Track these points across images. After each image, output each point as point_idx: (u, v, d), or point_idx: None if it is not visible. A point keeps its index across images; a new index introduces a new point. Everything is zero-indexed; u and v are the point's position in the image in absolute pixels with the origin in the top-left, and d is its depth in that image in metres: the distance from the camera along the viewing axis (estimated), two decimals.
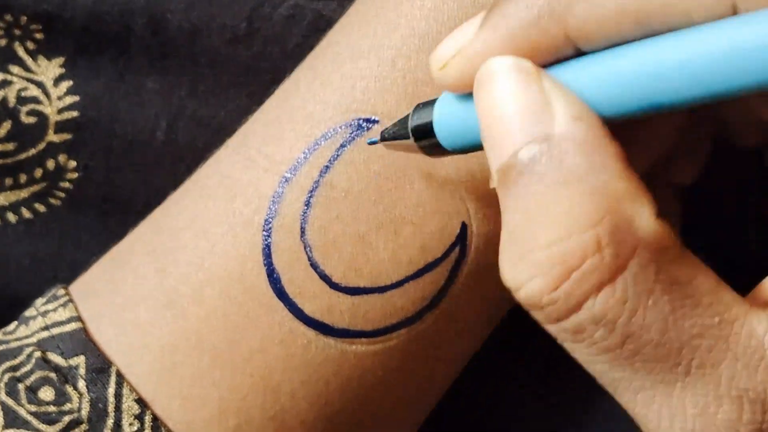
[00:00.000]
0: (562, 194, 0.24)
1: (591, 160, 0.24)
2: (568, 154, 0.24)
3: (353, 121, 0.33)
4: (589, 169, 0.24)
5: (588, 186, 0.24)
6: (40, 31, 0.39)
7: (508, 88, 0.25)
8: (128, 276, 0.34)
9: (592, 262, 0.24)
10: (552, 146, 0.24)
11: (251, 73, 0.40)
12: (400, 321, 0.33)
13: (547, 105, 0.24)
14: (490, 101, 0.25)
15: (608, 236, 0.24)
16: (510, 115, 0.25)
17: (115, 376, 0.32)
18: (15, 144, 0.40)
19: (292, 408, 0.32)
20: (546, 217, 0.24)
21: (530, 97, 0.24)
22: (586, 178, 0.24)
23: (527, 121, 0.24)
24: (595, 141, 0.24)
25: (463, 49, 0.26)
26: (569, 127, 0.24)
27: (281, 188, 0.33)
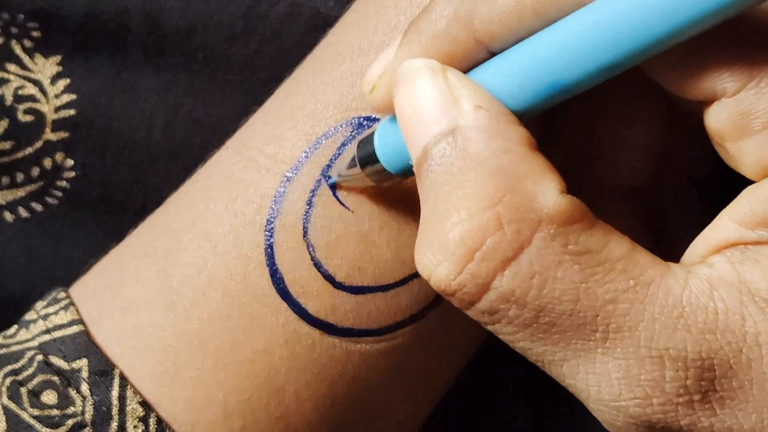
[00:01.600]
0: (466, 179, 0.24)
1: (493, 145, 0.24)
2: (471, 141, 0.25)
3: (354, 119, 0.32)
4: (491, 153, 0.24)
5: (489, 169, 0.24)
6: (37, 29, 0.39)
7: (417, 86, 0.26)
8: (129, 278, 0.33)
9: (493, 240, 0.24)
10: (457, 136, 0.25)
11: (248, 71, 0.39)
12: (404, 319, 0.32)
13: (453, 98, 0.25)
14: (402, 101, 0.26)
15: (509, 214, 0.24)
16: (420, 111, 0.25)
17: (118, 378, 0.31)
18: (12, 142, 0.39)
19: (298, 408, 0.31)
20: (450, 203, 0.25)
21: (437, 93, 0.25)
22: (487, 161, 0.24)
23: (435, 115, 0.25)
24: (497, 127, 0.24)
25: (386, 70, 0.27)
26: (472, 116, 0.25)
27: (283, 188, 0.32)
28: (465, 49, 0.26)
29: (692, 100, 0.25)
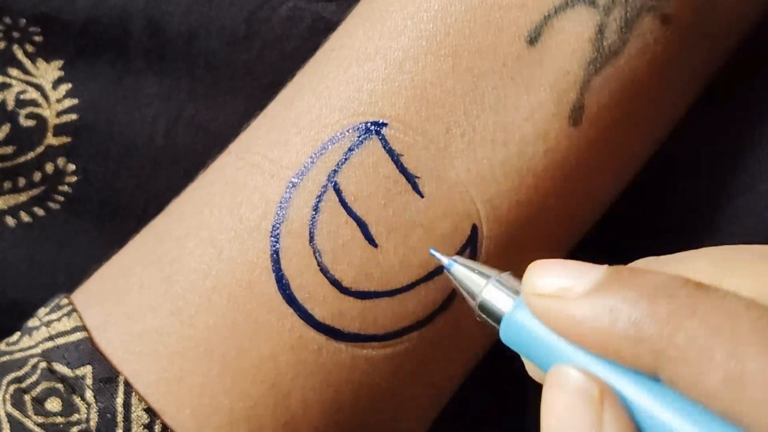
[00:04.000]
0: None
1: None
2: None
3: (361, 124, 0.31)
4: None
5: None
6: (39, 34, 0.37)
7: (570, 408, 0.23)
8: (133, 284, 0.31)
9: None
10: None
11: (250, 76, 0.38)
12: (411, 324, 0.31)
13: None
14: (553, 409, 0.24)
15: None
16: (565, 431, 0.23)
17: (123, 385, 0.30)
18: (14, 147, 0.38)
19: (304, 414, 0.30)
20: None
21: (586, 426, 0.23)
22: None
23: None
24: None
25: (564, 300, 0.24)
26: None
27: (288, 193, 0.30)
28: (638, 365, 0.23)
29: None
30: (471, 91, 0.30)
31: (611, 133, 0.31)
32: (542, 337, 0.24)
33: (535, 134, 0.30)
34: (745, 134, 0.36)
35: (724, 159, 0.36)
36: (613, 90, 0.31)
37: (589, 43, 0.30)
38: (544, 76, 0.30)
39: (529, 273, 0.25)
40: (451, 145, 0.30)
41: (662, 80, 0.32)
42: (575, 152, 0.31)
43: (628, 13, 0.30)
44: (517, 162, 0.30)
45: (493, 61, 0.30)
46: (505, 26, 0.30)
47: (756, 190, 0.35)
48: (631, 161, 0.33)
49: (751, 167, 0.35)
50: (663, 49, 0.31)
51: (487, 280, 0.26)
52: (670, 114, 0.33)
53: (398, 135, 0.30)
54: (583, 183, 0.32)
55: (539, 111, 0.30)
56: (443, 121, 0.30)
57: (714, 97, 0.35)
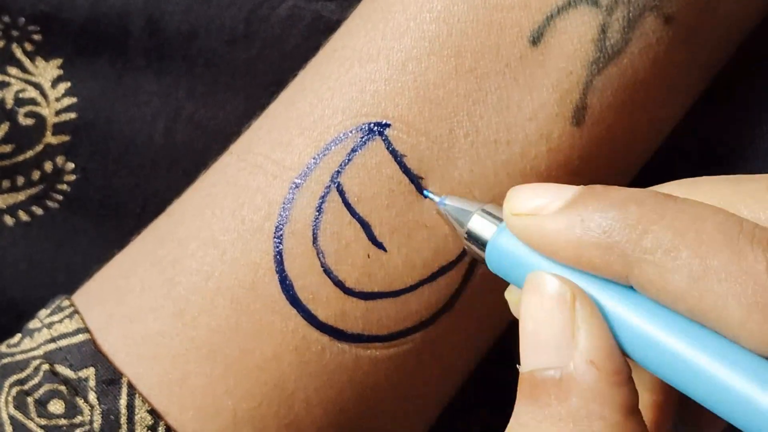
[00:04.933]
0: (553, 429, 0.23)
1: (589, 409, 0.23)
2: (572, 395, 0.23)
3: (364, 125, 0.30)
4: (586, 414, 0.23)
5: (578, 430, 0.23)
6: (38, 33, 0.37)
7: (544, 308, 0.24)
8: (135, 286, 0.31)
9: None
10: (562, 382, 0.23)
11: (249, 75, 0.38)
12: (414, 325, 0.30)
13: (572, 340, 0.24)
14: (526, 311, 0.24)
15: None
16: (539, 334, 0.24)
17: (126, 387, 0.30)
18: (12, 146, 0.37)
19: (308, 415, 0.30)
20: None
21: (559, 327, 0.24)
22: (579, 422, 0.23)
23: (550, 347, 0.24)
24: (599, 390, 0.23)
25: (540, 217, 0.25)
26: (580, 369, 0.23)
27: (291, 194, 0.30)
28: (613, 273, 0.24)
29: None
30: (474, 92, 0.30)
31: (614, 132, 0.31)
32: (523, 257, 0.25)
33: (538, 134, 0.30)
34: (744, 133, 0.36)
35: (724, 158, 0.36)
36: (616, 90, 0.31)
37: (592, 43, 0.30)
38: (546, 76, 0.30)
39: (509, 196, 0.26)
40: (455, 146, 0.30)
41: (664, 80, 0.31)
42: (578, 152, 0.31)
43: (630, 13, 0.30)
44: (521, 162, 0.30)
45: (495, 61, 0.30)
46: (508, 27, 0.30)
47: None
48: (633, 160, 0.33)
49: (751, 165, 0.35)
50: (665, 49, 0.31)
51: (473, 210, 0.27)
52: (672, 113, 0.33)
53: (401, 136, 0.30)
54: (585, 182, 0.31)
55: (542, 111, 0.30)
56: (446, 121, 0.30)
57: (714, 97, 0.35)
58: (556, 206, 0.24)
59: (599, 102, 0.30)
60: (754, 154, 0.35)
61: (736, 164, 0.36)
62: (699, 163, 0.36)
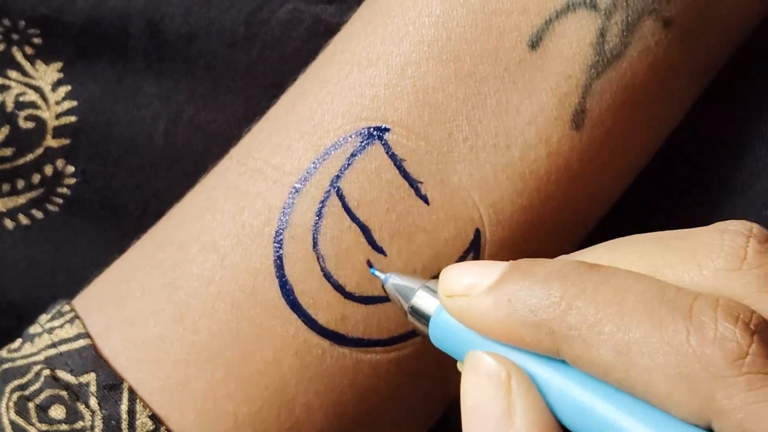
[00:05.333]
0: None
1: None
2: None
3: (363, 129, 0.30)
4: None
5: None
6: (39, 36, 0.37)
7: (482, 389, 0.25)
8: (135, 290, 0.31)
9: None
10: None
11: (249, 77, 0.38)
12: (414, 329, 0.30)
13: (509, 416, 0.24)
14: (468, 391, 0.25)
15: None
16: (480, 411, 0.24)
17: (127, 392, 0.30)
18: (13, 149, 0.37)
19: (308, 419, 0.30)
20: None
21: (497, 404, 0.24)
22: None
23: (491, 425, 0.24)
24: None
25: (470, 298, 0.25)
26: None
27: (291, 199, 0.30)
28: (544, 349, 0.24)
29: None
30: (473, 96, 0.30)
31: (613, 136, 0.31)
32: (461, 334, 0.26)
33: (537, 138, 0.30)
34: (744, 133, 0.35)
35: (723, 157, 0.36)
36: (615, 93, 0.31)
37: (591, 46, 0.30)
38: (545, 80, 0.30)
39: (442, 277, 0.26)
40: (454, 150, 0.30)
41: (663, 83, 0.31)
42: (577, 155, 0.31)
43: (629, 17, 0.30)
44: (520, 166, 0.30)
45: (494, 65, 0.30)
46: (507, 31, 0.30)
47: (754, 188, 0.35)
48: (633, 163, 0.33)
49: (750, 166, 0.35)
50: (664, 52, 0.31)
51: (415, 288, 0.27)
52: (671, 116, 0.33)
53: (401, 140, 0.30)
54: (585, 186, 0.31)
55: (541, 115, 0.30)
56: (446, 125, 0.30)
57: (714, 97, 0.35)
58: (485, 285, 0.25)
59: (598, 105, 0.30)
60: (754, 155, 0.35)
61: (737, 165, 0.36)
62: (699, 164, 0.36)
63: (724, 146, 0.36)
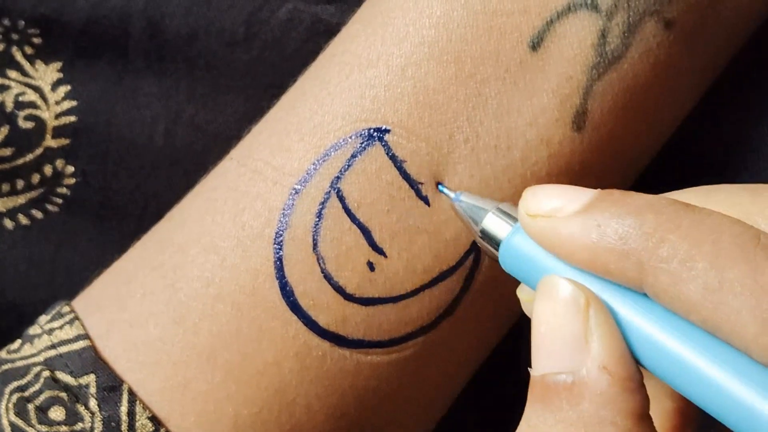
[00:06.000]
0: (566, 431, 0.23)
1: (602, 414, 0.23)
2: (584, 400, 0.23)
3: (364, 130, 0.30)
4: (598, 421, 0.23)
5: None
6: (38, 36, 0.37)
7: (558, 315, 0.24)
8: (135, 292, 0.31)
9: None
10: (574, 387, 0.23)
11: (249, 77, 0.38)
12: (415, 330, 0.30)
13: (586, 345, 0.23)
14: (540, 315, 0.24)
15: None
16: (552, 338, 0.24)
17: (127, 394, 0.29)
18: (12, 149, 0.37)
19: (309, 421, 0.30)
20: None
21: (572, 332, 0.24)
22: (589, 428, 0.23)
23: (564, 352, 0.24)
24: (614, 395, 0.23)
25: (555, 219, 0.24)
26: (594, 375, 0.23)
27: (291, 200, 0.30)
28: (627, 279, 0.23)
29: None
30: (474, 97, 0.30)
31: (614, 137, 0.31)
32: (537, 258, 0.25)
33: (538, 139, 0.30)
34: (746, 133, 0.35)
35: (725, 158, 0.36)
36: (616, 95, 0.30)
37: (592, 48, 0.30)
38: (546, 81, 0.30)
39: (524, 196, 0.25)
40: (455, 151, 0.30)
41: (665, 84, 0.31)
42: (578, 157, 0.31)
43: (630, 18, 0.30)
44: (521, 167, 0.30)
45: (495, 66, 0.30)
46: (508, 32, 0.30)
47: None
48: (634, 164, 0.33)
49: (752, 166, 0.35)
50: (665, 54, 0.31)
51: (488, 209, 0.27)
52: (673, 117, 0.33)
53: (401, 141, 0.30)
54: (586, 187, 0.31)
55: (542, 116, 0.30)
56: (446, 127, 0.30)
57: (715, 97, 0.35)
58: (572, 209, 0.24)
59: (599, 107, 0.30)
60: (756, 155, 0.35)
61: (737, 165, 0.36)
62: (700, 164, 0.36)
63: (725, 147, 0.36)
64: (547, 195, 0.25)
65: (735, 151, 0.35)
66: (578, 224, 0.24)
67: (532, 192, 0.25)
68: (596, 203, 0.24)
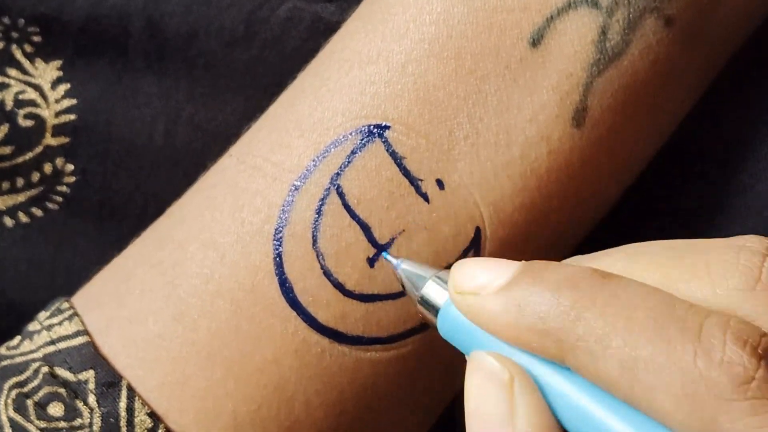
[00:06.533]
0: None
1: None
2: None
3: (364, 127, 0.30)
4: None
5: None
6: (38, 34, 0.37)
7: (484, 390, 0.24)
8: (135, 288, 0.31)
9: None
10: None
11: (249, 76, 0.37)
12: (414, 327, 0.30)
13: (511, 418, 0.24)
14: (471, 393, 0.25)
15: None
16: (482, 413, 0.24)
17: (126, 390, 0.29)
18: (12, 147, 0.37)
19: (308, 418, 0.30)
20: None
21: (499, 406, 0.24)
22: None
23: (493, 426, 0.24)
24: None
25: (481, 297, 0.25)
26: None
27: (291, 197, 0.30)
28: (549, 355, 0.24)
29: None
30: (474, 94, 0.30)
31: (614, 134, 0.31)
32: (469, 330, 0.26)
33: (538, 136, 0.30)
34: (744, 134, 0.35)
35: (724, 158, 0.36)
36: (616, 91, 0.30)
37: (592, 44, 0.30)
38: (546, 78, 0.30)
39: (453, 271, 0.26)
40: (455, 148, 0.30)
41: (665, 81, 0.31)
42: (578, 154, 0.30)
43: (630, 15, 0.30)
44: (521, 164, 0.30)
45: (495, 63, 0.30)
46: (508, 28, 0.30)
47: (755, 189, 0.35)
48: (634, 162, 0.33)
49: (751, 167, 0.35)
50: (666, 51, 0.31)
51: (427, 277, 0.27)
52: (673, 115, 0.33)
53: (401, 138, 0.30)
54: (586, 184, 0.31)
55: (542, 113, 0.30)
56: (446, 123, 0.30)
57: (715, 96, 0.35)
58: (497, 286, 0.25)
59: (599, 104, 0.30)
60: (755, 156, 0.35)
61: (738, 165, 0.36)
62: (700, 164, 0.36)
63: (724, 147, 0.36)
64: (472, 270, 0.25)
65: (735, 151, 0.35)
66: (500, 303, 0.24)
67: (460, 266, 0.26)
68: (518, 280, 0.24)
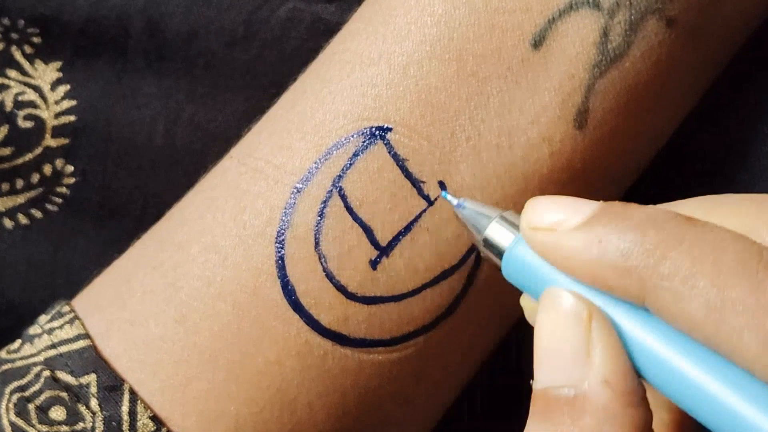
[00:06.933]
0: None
1: (603, 429, 0.23)
2: (585, 414, 0.23)
3: (365, 129, 0.30)
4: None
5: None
6: (38, 35, 0.37)
7: (560, 327, 0.24)
8: (136, 291, 0.31)
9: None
10: (576, 401, 0.23)
11: (249, 77, 0.37)
12: (417, 329, 0.30)
13: (588, 358, 0.23)
14: (542, 327, 0.24)
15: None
16: (555, 351, 0.24)
17: (128, 393, 0.29)
18: (12, 149, 0.37)
19: (310, 420, 0.30)
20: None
21: (574, 345, 0.23)
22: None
23: (566, 364, 0.23)
24: (615, 410, 0.23)
25: (557, 234, 0.24)
26: (595, 389, 0.23)
27: (293, 199, 0.30)
28: (628, 294, 0.23)
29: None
30: (476, 96, 0.30)
31: (616, 135, 0.31)
32: (539, 270, 0.25)
33: (540, 138, 0.30)
34: (745, 133, 0.35)
35: (724, 158, 0.36)
36: (618, 93, 0.30)
37: (594, 46, 0.30)
38: (548, 79, 0.30)
39: (526, 208, 0.25)
40: (456, 150, 0.30)
41: (666, 82, 0.31)
42: (580, 155, 0.30)
43: (632, 16, 0.30)
44: (523, 166, 0.30)
45: (497, 65, 0.30)
46: (510, 30, 0.30)
47: (756, 188, 0.35)
48: (635, 162, 0.33)
49: (751, 166, 0.35)
50: (667, 52, 0.30)
51: (492, 217, 0.26)
52: (674, 115, 0.33)
53: (403, 140, 0.30)
54: (587, 185, 0.31)
55: (544, 114, 0.30)
56: (448, 125, 0.30)
57: (715, 97, 0.35)
58: (574, 223, 0.24)
59: (601, 105, 0.30)
60: (755, 155, 0.35)
61: (738, 165, 0.36)
62: (700, 164, 0.36)
63: (725, 146, 0.36)
64: (548, 207, 0.25)
65: (735, 151, 0.35)
66: (580, 239, 0.24)
67: (533, 204, 0.25)
68: (598, 217, 0.24)
